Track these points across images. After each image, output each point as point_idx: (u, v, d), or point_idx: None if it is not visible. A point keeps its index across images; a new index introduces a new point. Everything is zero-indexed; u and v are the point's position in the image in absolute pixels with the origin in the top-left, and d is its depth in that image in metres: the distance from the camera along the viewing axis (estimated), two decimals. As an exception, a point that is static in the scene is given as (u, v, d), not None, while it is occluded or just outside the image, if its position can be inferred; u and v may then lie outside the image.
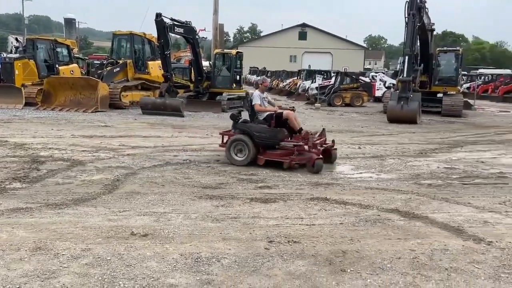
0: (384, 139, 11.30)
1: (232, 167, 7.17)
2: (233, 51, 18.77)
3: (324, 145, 7.75)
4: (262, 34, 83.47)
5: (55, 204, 4.97)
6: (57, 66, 17.76)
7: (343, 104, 21.59)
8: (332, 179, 6.63)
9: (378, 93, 23.49)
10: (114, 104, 16.02)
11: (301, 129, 7.62)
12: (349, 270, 3.41)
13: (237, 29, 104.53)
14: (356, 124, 14.43)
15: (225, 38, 61.24)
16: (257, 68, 44.32)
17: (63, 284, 3.03)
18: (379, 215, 4.87)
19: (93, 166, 6.96)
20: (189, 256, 3.57)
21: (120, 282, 3.08)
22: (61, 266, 3.31)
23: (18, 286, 2.98)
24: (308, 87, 24.25)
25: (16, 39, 22.35)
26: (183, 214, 4.70)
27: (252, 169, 7.07)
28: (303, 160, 7.15)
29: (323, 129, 8.18)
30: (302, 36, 62.22)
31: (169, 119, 13.99)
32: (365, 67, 56.86)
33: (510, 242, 4.08)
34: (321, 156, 7.22)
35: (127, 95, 16.92)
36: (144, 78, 17.93)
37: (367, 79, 25.27)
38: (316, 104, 20.90)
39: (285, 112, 7.74)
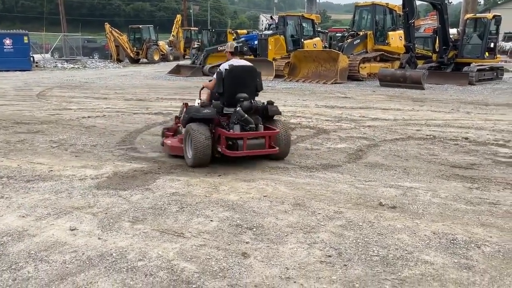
0: None
1: (485, 147, 6.41)
2: (489, 15, 16.40)
3: None
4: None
5: (306, 167, 5.47)
6: (302, 40, 19.15)
7: None
8: None
9: None
10: (352, 76, 16.34)
11: None
12: None
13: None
14: None
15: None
16: (515, 33, 37.54)
17: (322, 240, 3.33)
18: None
19: (337, 135, 7.33)
20: (443, 235, 3.40)
21: (374, 248, 3.18)
22: (318, 224, 3.64)
23: (286, 234, 3.44)
24: None
25: (271, 17, 24.97)
26: (431, 192, 4.49)
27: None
28: None
29: None
30: None
31: (408, 91, 13.41)
32: None
33: None
34: None
35: (365, 67, 17.00)
36: (383, 49, 17.61)
37: None
38: None
39: None
